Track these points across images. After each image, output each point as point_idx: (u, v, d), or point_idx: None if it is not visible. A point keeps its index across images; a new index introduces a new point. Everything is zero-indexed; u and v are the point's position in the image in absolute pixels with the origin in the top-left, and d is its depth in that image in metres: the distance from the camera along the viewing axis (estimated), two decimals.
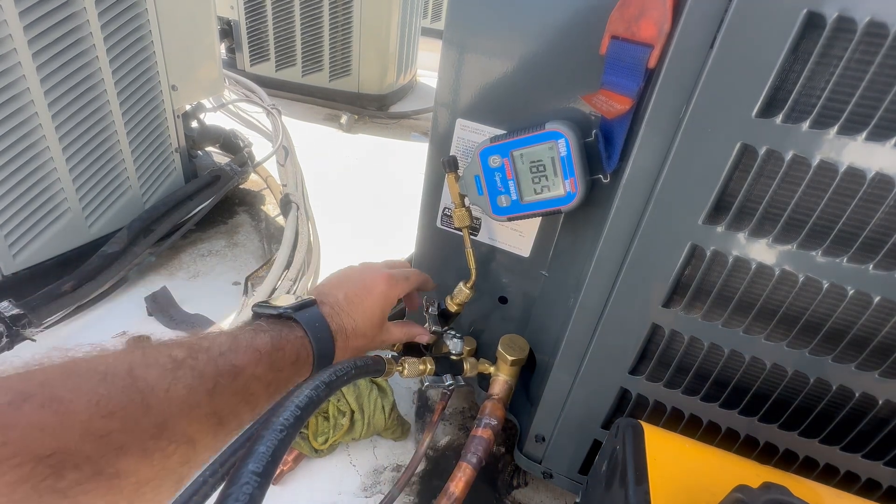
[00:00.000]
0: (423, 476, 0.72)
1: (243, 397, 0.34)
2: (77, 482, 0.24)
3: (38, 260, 0.86)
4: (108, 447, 0.25)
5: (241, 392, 0.34)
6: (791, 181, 0.39)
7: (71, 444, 0.24)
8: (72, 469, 0.24)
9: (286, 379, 0.39)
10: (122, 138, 0.94)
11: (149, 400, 0.28)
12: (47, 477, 0.23)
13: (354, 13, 1.71)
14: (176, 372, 0.30)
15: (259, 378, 0.35)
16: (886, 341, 0.41)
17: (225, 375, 0.33)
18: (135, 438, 0.27)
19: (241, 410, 0.34)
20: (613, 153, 0.48)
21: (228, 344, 0.35)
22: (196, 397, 0.30)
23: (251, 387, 0.35)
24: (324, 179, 1.46)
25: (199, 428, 0.31)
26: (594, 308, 0.51)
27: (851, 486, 0.48)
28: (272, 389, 0.37)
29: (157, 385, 0.29)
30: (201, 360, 0.32)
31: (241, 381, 0.34)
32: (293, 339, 0.40)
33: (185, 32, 1.02)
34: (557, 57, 0.50)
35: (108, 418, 0.25)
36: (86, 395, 0.25)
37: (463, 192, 0.57)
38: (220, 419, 0.32)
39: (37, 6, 0.72)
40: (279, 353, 0.38)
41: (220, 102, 1.53)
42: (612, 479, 0.43)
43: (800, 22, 0.34)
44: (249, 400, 0.35)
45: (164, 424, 0.28)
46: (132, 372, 0.28)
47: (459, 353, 0.64)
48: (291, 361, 0.39)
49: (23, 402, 0.23)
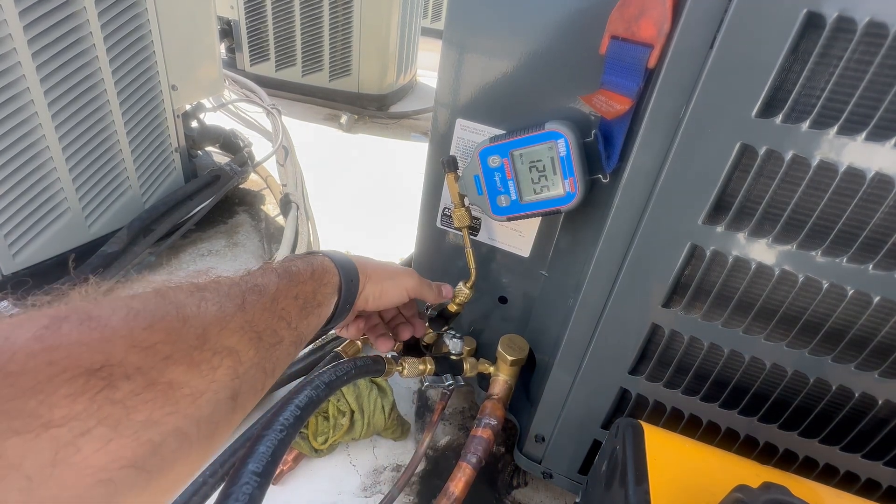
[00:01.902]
0: (423, 476, 0.72)
1: (275, 311, 0.35)
2: (133, 392, 0.24)
3: (38, 260, 0.86)
4: (156, 357, 0.25)
5: (270, 307, 0.34)
6: (791, 181, 0.39)
7: (117, 356, 0.24)
8: (124, 379, 0.23)
9: (312, 290, 0.40)
10: (122, 138, 0.94)
11: (184, 312, 0.28)
12: (102, 388, 0.23)
13: (354, 13, 1.71)
14: (202, 292, 0.30)
15: (284, 292, 0.36)
16: (886, 341, 0.41)
17: (251, 292, 0.33)
18: (179, 348, 0.26)
19: (276, 326, 0.34)
20: (613, 153, 0.48)
21: (244, 272, 0.36)
22: (227, 311, 0.30)
23: (280, 301, 0.35)
24: (324, 179, 1.46)
25: (239, 339, 0.30)
26: (594, 308, 0.51)
27: (851, 486, 0.48)
28: (301, 302, 0.38)
29: (187, 302, 0.29)
30: (224, 284, 0.32)
31: (268, 297, 0.34)
32: (315, 262, 0.42)
33: (185, 32, 1.02)
34: (557, 57, 0.50)
35: (148, 330, 0.25)
36: (121, 310, 0.25)
37: (463, 192, 0.57)
38: (258, 333, 0.32)
39: (37, 6, 0.72)
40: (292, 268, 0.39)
41: (220, 102, 1.53)
42: (612, 479, 0.43)
43: (800, 22, 0.34)
44: (282, 314, 0.35)
45: (203, 335, 0.28)
46: (160, 291, 0.28)
47: (459, 353, 0.64)
48: (308, 273, 0.40)
49: (60, 324, 0.23)
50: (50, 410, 0.21)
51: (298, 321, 0.37)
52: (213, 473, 0.57)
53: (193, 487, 0.55)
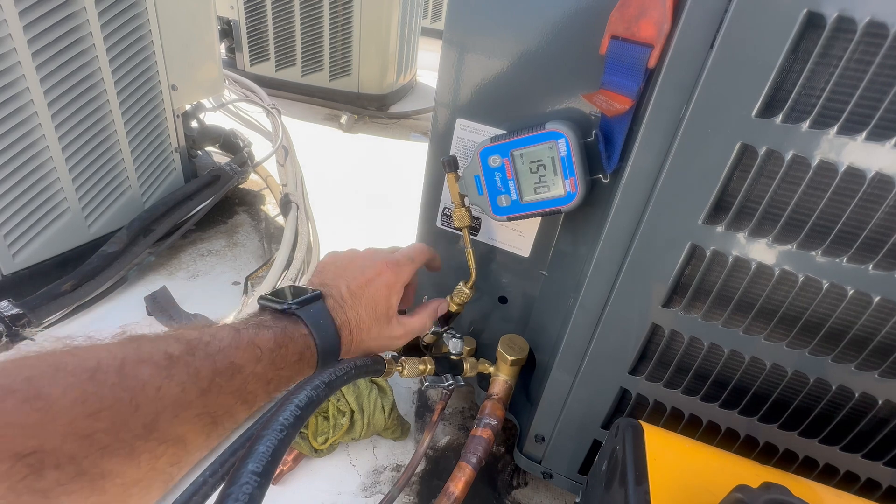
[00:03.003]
0: (423, 476, 0.72)
1: (240, 396, 0.33)
2: (58, 482, 0.23)
3: (38, 259, 0.86)
4: (93, 447, 0.24)
5: (238, 391, 0.33)
6: (791, 181, 0.39)
7: (52, 443, 0.23)
8: (52, 469, 0.23)
9: (288, 377, 0.38)
10: (122, 138, 0.94)
11: (138, 399, 0.27)
12: (26, 476, 0.22)
13: (354, 13, 1.71)
14: (170, 370, 0.29)
15: (259, 376, 0.35)
16: (886, 341, 0.41)
17: (222, 374, 0.32)
18: (121, 439, 0.26)
19: (236, 409, 0.33)
20: (613, 153, 0.48)
21: (229, 339, 0.34)
22: (189, 397, 0.29)
23: (249, 385, 0.34)
24: (324, 179, 1.46)
25: (191, 428, 0.30)
26: (594, 308, 0.51)
27: (851, 486, 0.48)
28: (272, 388, 0.36)
29: (149, 383, 0.27)
30: (198, 357, 0.31)
31: (238, 380, 0.33)
32: (297, 336, 0.39)
33: (185, 32, 1.02)
34: (557, 57, 0.50)
35: (93, 417, 0.25)
36: (72, 392, 0.24)
37: (463, 192, 0.57)
38: (214, 419, 0.31)
39: (36, 6, 0.72)
40: (281, 351, 0.37)
41: (219, 102, 1.53)
42: (612, 479, 0.43)
43: (800, 22, 0.34)
44: (247, 399, 0.34)
45: (153, 425, 0.27)
46: (123, 369, 0.27)
47: (459, 353, 0.64)
48: (294, 360, 0.38)
49: (4, 398, 0.23)
50: None
51: (262, 401, 0.36)
52: (213, 473, 0.57)
53: (193, 487, 0.55)
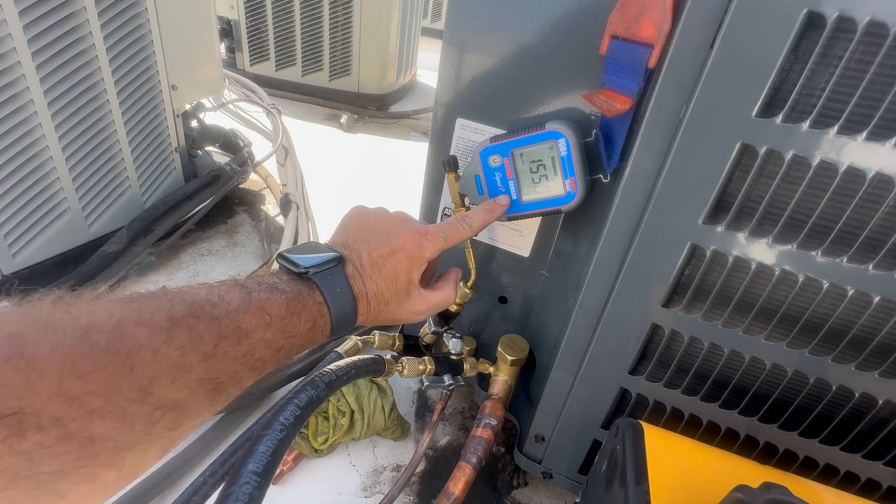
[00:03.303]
0: (423, 476, 0.72)
1: (247, 362, 0.32)
2: (41, 444, 0.22)
3: (38, 259, 0.85)
4: (81, 410, 0.23)
5: (244, 357, 0.31)
6: (791, 181, 0.39)
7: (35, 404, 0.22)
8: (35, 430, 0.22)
9: (299, 345, 0.36)
10: (122, 138, 0.94)
11: (133, 361, 0.25)
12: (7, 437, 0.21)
13: (354, 13, 1.71)
14: (171, 332, 0.27)
15: (268, 343, 0.33)
16: (886, 341, 0.41)
17: (228, 339, 0.30)
18: (112, 402, 0.24)
19: (243, 375, 0.32)
20: (613, 153, 0.48)
21: (238, 302, 0.32)
22: (189, 361, 0.28)
23: (257, 352, 0.32)
24: (324, 179, 1.46)
25: (191, 393, 0.28)
26: (594, 308, 0.51)
27: (851, 486, 0.48)
28: (282, 355, 0.35)
29: (146, 345, 0.26)
30: (203, 320, 0.29)
31: (245, 346, 0.31)
32: (311, 304, 0.37)
33: (185, 32, 1.02)
34: (557, 56, 0.50)
35: (82, 379, 0.23)
36: (61, 351, 0.23)
37: (463, 192, 0.57)
38: (218, 385, 0.29)
39: (36, 6, 0.72)
40: (293, 319, 0.35)
41: (219, 102, 1.53)
42: (612, 479, 0.43)
43: (800, 22, 0.34)
44: (255, 365, 0.32)
45: (148, 388, 0.25)
46: (119, 329, 0.25)
47: (459, 353, 0.64)
48: (307, 328, 0.37)
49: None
50: None
51: (271, 368, 0.34)
52: (213, 473, 0.57)
53: (193, 487, 0.55)
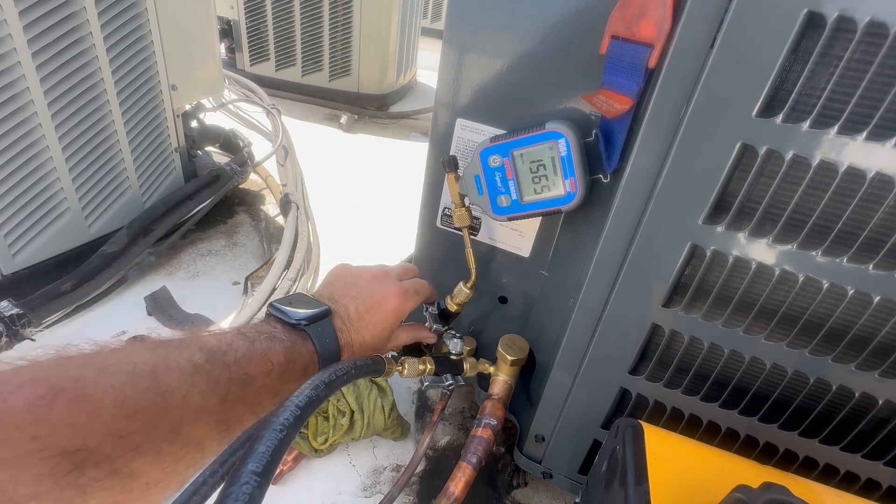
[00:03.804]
0: (423, 476, 0.72)
1: (250, 406, 0.35)
2: (95, 479, 0.24)
3: (38, 259, 0.86)
4: (127, 447, 0.26)
5: (249, 401, 0.35)
6: (791, 181, 0.38)
7: (95, 441, 0.24)
8: (92, 466, 0.24)
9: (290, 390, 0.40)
10: (122, 138, 0.94)
11: (168, 402, 0.29)
12: (70, 472, 0.23)
13: (354, 13, 1.71)
14: (194, 377, 0.31)
15: (268, 389, 0.37)
16: (886, 341, 0.41)
17: (237, 384, 0.34)
18: (152, 440, 0.27)
19: (246, 418, 0.35)
20: (613, 153, 0.48)
21: (244, 350, 0.36)
22: (209, 404, 0.31)
23: (260, 396, 0.36)
24: (323, 179, 1.46)
25: (209, 433, 0.32)
26: (594, 308, 0.51)
27: (851, 486, 0.48)
28: (277, 399, 0.38)
29: (177, 389, 0.29)
30: (217, 367, 0.33)
31: (251, 391, 0.35)
32: (305, 353, 0.41)
33: (185, 32, 1.02)
34: (557, 56, 0.50)
35: (129, 419, 0.26)
36: (113, 393, 0.26)
37: (463, 192, 0.57)
38: (228, 426, 0.33)
39: (36, 6, 0.72)
40: (290, 367, 0.39)
41: (219, 102, 1.53)
42: (612, 479, 0.43)
43: (800, 22, 0.34)
44: (256, 409, 0.36)
45: (178, 428, 0.29)
46: (156, 374, 0.29)
47: (459, 353, 0.64)
48: (300, 375, 0.40)
49: (55, 398, 0.24)
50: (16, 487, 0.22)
51: (267, 410, 0.37)
52: (213, 473, 0.57)
53: (193, 487, 0.55)
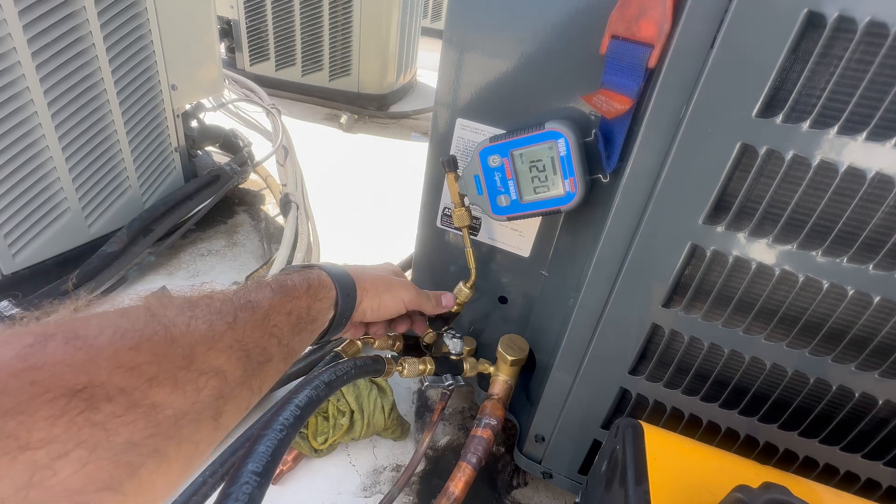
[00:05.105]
0: (423, 476, 0.72)
1: (266, 328, 0.34)
2: (114, 414, 0.23)
3: (38, 259, 0.86)
4: (140, 378, 0.25)
5: (262, 323, 0.34)
6: (791, 181, 0.38)
7: (101, 376, 0.24)
8: (105, 401, 0.23)
9: (306, 306, 0.40)
10: (122, 138, 0.94)
11: (172, 332, 0.28)
12: (84, 410, 0.22)
13: (354, 13, 1.71)
14: (193, 309, 0.30)
15: (277, 308, 0.36)
16: (886, 341, 0.41)
17: (243, 308, 0.33)
18: (165, 369, 0.26)
19: (266, 343, 0.34)
20: (613, 153, 0.48)
21: (238, 288, 0.36)
22: (217, 330, 0.30)
23: (272, 317, 0.35)
24: (324, 179, 1.46)
25: (227, 359, 0.30)
26: (594, 308, 0.51)
27: (851, 486, 0.48)
28: (294, 318, 0.38)
29: (178, 320, 0.29)
30: (217, 300, 0.32)
31: (260, 313, 0.34)
32: (298, 272, 0.42)
33: (185, 32, 1.02)
34: (557, 56, 0.50)
35: (134, 350, 0.25)
36: (109, 329, 0.25)
37: (463, 192, 0.57)
38: (247, 351, 0.32)
39: (36, 5, 0.72)
40: (288, 283, 0.39)
41: (219, 102, 1.53)
42: (612, 479, 0.43)
43: (800, 22, 0.34)
44: (273, 331, 0.35)
45: (191, 355, 0.28)
46: (150, 310, 0.28)
47: (459, 353, 0.64)
48: (304, 288, 0.40)
49: (45, 342, 0.23)
50: (28, 433, 0.21)
51: (290, 338, 0.37)
52: (213, 473, 0.57)
53: (193, 487, 0.55)
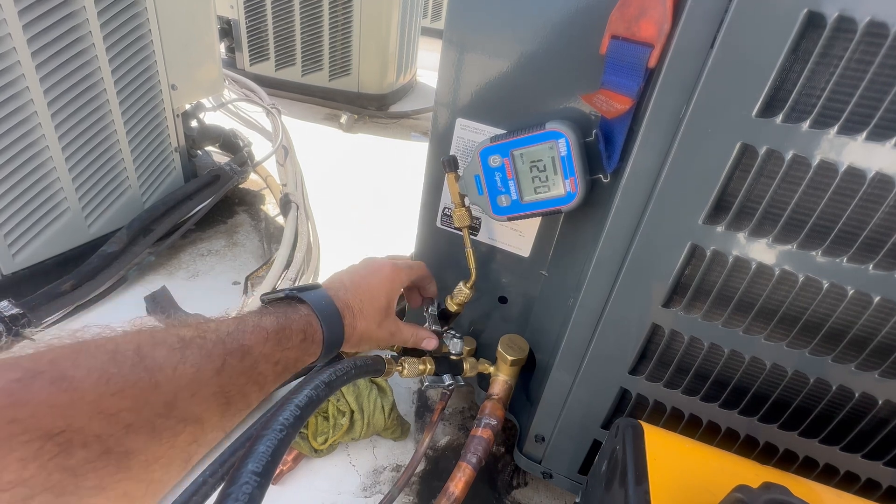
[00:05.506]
0: (423, 476, 0.72)
1: (251, 377, 0.34)
2: (86, 460, 0.24)
3: (38, 259, 0.86)
4: (117, 425, 0.25)
5: (249, 371, 0.34)
6: (791, 181, 0.38)
7: (80, 421, 0.24)
8: (80, 447, 0.23)
9: (294, 358, 0.39)
10: (122, 138, 0.94)
11: (157, 378, 0.28)
12: (56, 455, 0.22)
13: (354, 13, 1.71)
14: (184, 351, 0.30)
15: (267, 357, 0.36)
16: (886, 341, 0.41)
17: (233, 354, 0.33)
18: (144, 417, 0.26)
19: (248, 390, 0.34)
20: (613, 153, 0.48)
21: (235, 325, 0.35)
22: (204, 376, 0.30)
23: (259, 366, 0.35)
24: (323, 179, 1.46)
25: (207, 407, 0.31)
26: (594, 308, 0.51)
27: (851, 486, 0.48)
28: (280, 368, 0.37)
29: (165, 364, 0.29)
30: (209, 340, 0.32)
31: (249, 361, 0.34)
32: (298, 317, 0.41)
33: (185, 32, 1.02)
34: (557, 56, 0.50)
35: (117, 396, 0.25)
36: (96, 373, 0.25)
37: (463, 192, 0.57)
38: (228, 398, 0.32)
39: (36, 5, 0.72)
40: (286, 332, 0.38)
41: (219, 102, 1.53)
42: (612, 479, 0.43)
43: (800, 22, 0.34)
44: (258, 379, 0.35)
45: (172, 403, 0.28)
46: (140, 350, 0.28)
47: (459, 353, 0.64)
48: (299, 339, 0.40)
49: (32, 380, 0.23)
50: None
51: (272, 384, 0.37)
52: (213, 473, 0.57)
53: (193, 487, 0.55)
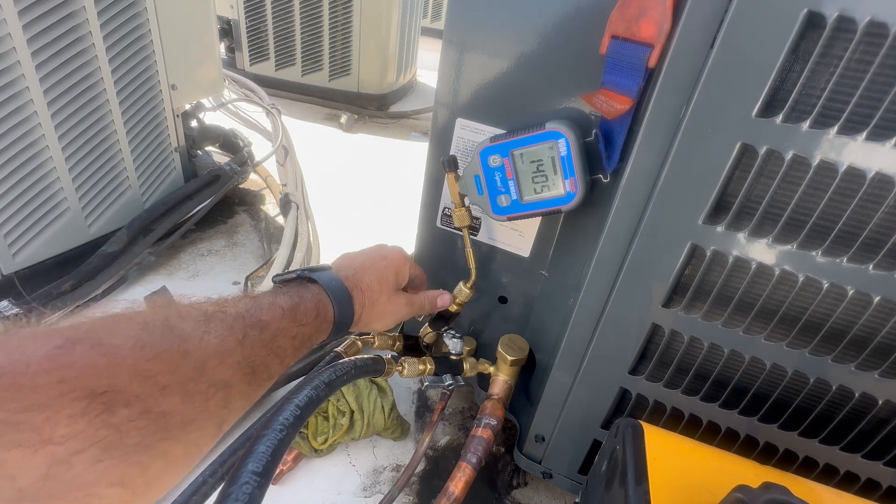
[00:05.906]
0: (423, 476, 0.72)
1: (271, 349, 0.36)
2: (128, 418, 0.25)
3: (38, 259, 0.85)
4: (154, 387, 0.27)
5: (269, 343, 0.36)
6: (791, 181, 0.38)
7: (121, 382, 0.25)
8: (122, 406, 0.25)
9: (309, 334, 0.41)
10: (122, 138, 0.94)
11: (186, 346, 0.30)
12: (102, 412, 0.24)
13: (354, 13, 1.71)
14: (208, 324, 0.32)
15: (284, 331, 0.38)
16: (886, 341, 0.41)
17: (253, 328, 0.35)
18: (177, 380, 0.28)
19: (270, 362, 0.36)
20: (613, 153, 0.48)
21: (252, 302, 0.37)
22: (228, 345, 0.32)
23: (278, 339, 0.37)
24: (323, 179, 1.46)
25: (234, 374, 0.33)
26: (594, 308, 0.51)
27: (851, 486, 0.48)
28: (298, 343, 0.40)
29: (193, 334, 0.31)
30: (230, 314, 0.34)
31: (268, 334, 0.36)
32: (310, 295, 0.43)
33: (185, 32, 1.02)
34: (557, 56, 0.50)
35: (152, 361, 0.27)
36: (131, 339, 0.27)
37: (463, 192, 0.57)
38: (253, 368, 0.34)
39: (36, 5, 0.72)
40: (300, 309, 0.41)
41: (219, 102, 1.53)
42: (612, 479, 0.43)
43: (800, 22, 0.34)
44: (277, 352, 0.37)
45: (201, 369, 0.30)
46: (168, 322, 0.30)
47: (459, 353, 0.64)
48: (313, 317, 0.42)
49: (73, 346, 0.25)
50: (53, 428, 0.22)
51: (291, 358, 0.39)
52: (213, 473, 0.57)
53: (193, 487, 0.55)
